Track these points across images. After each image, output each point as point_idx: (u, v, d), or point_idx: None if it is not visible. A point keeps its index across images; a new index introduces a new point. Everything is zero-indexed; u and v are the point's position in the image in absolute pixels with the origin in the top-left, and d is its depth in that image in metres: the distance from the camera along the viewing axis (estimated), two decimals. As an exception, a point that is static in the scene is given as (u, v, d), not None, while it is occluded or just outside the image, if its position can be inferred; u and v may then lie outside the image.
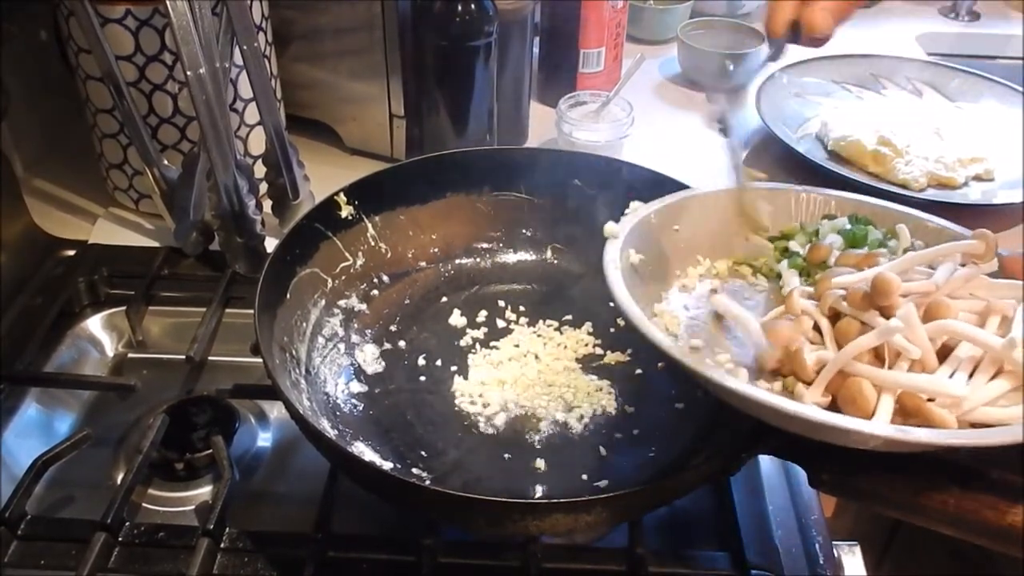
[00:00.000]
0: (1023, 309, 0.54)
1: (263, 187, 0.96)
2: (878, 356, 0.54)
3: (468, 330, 0.80)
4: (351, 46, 1.01)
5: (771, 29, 0.71)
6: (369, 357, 0.77)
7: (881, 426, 0.50)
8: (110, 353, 0.87)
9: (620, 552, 0.64)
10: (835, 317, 0.58)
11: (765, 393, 0.52)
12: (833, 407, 0.54)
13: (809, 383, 0.55)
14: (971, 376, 0.52)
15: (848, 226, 0.68)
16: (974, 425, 0.51)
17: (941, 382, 0.51)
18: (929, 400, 0.51)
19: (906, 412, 0.51)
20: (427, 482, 0.65)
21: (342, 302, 0.79)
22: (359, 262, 0.81)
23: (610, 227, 0.66)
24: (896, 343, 0.53)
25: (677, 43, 1.29)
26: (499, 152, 0.90)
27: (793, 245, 0.69)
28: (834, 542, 0.67)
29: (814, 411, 0.50)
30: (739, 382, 0.52)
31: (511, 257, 0.87)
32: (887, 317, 0.54)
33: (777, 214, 0.71)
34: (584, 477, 0.67)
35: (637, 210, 0.68)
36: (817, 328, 0.58)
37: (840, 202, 0.71)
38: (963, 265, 0.58)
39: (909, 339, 0.53)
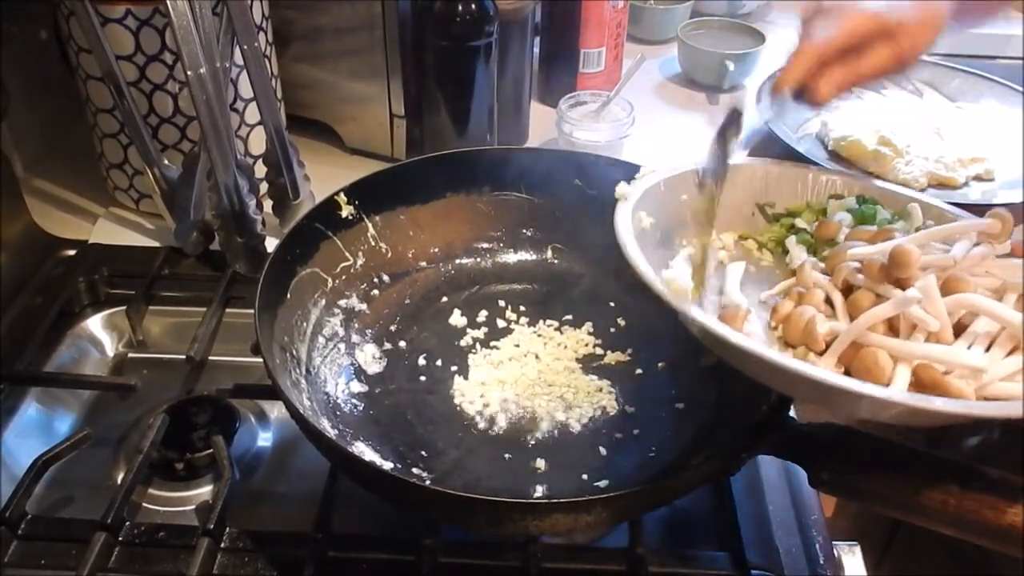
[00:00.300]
0: None
1: (263, 187, 0.96)
2: (892, 329, 0.53)
3: (468, 330, 0.80)
4: (351, 46, 1.01)
5: (777, 85, 0.69)
6: (369, 357, 0.77)
7: (899, 393, 0.49)
8: (110, 353, 0.87)
9: (620, 552, 0.64)
10: (847, 291, 0.57)
11: (784, 357, 0.50)
12: None
13: (821, 354, 0.55)
14: (987, 351, 0.52)
15: (856, 205, 0.68)
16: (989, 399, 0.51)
17: (961, 353, 0.51)
18: (946, 373, 0.50)
19: (922, 384, 0.50)
20: (427, 482, 0.65)
21: (342, 302, 0.79)
22: (359, 262, 0.81)
23: (622, 188, 0.64)
24: (914, 315, 0.52)
25: (677, 43, 1.29)
26: (499, 152, 0.90)
27: (800, 222, 0.68)
28: (834, 542, 0.67)
29: (830, 374, 0.49)
30: (756, 344, 0.51)
31: (511, 257, 0.87)
32: (904, 290, 0.54)
33: (783, 193, 0.71)
34: (584, 477, 0.67)
35: (647, 175, 0.67)
36: (828, 302, 0.58)
37: (847, 182, 0.71)
38: (978, 244, 0.58)
39: (927, 311, 0.52)
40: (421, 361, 0.77)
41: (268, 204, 0.96)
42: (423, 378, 0.76)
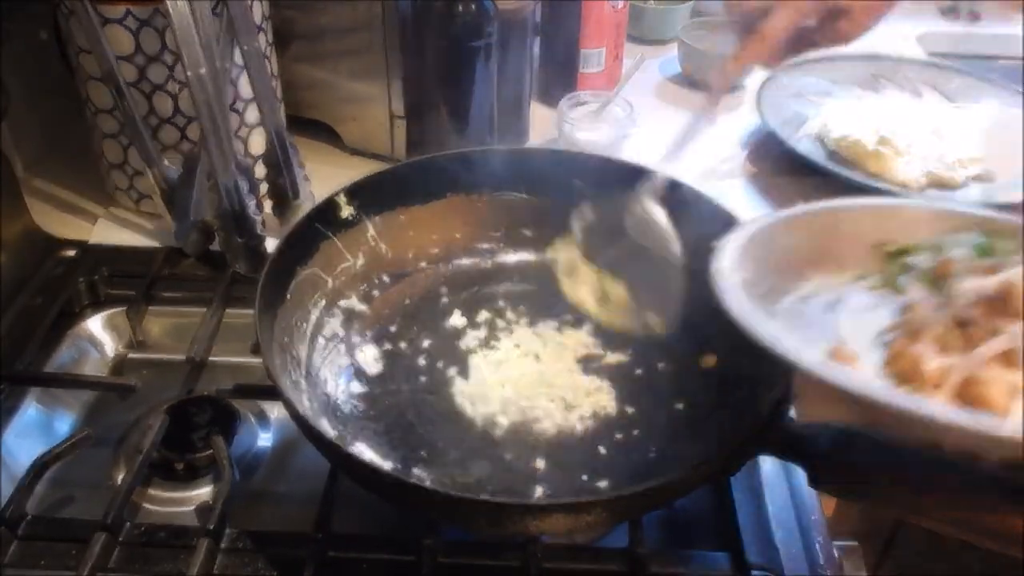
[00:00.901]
0: None
1: (263, 187, 0.96)
2: (1008, 365, 0.51)
3: (468, 330, 0.80)
4: (351, 46, 1.01)
5: (736, 63, 0.75)
6: (369, 357, 0.77)
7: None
8: (110, 353, 0.87)
9: (620, 552, 0.64)
10: (962, 326, 0.55)
11: (894, 393, 0.49)
12: None
13: (934, 390, 0.52)
14: None
15: (976, 239, 0.63)
16: None
17: None
18: None
19: None
20: (427, 482, 0.65)
21: (342, 302, 0.79)
22: (359, 262, 0.81)
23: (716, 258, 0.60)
24: None
25: (678, 43, 1.29)
26: (499, 152, 0.90)
27: (913, 259, 0.65)
28: (834, 542, 0.67)
29: (946, 410, 0.47)
30: (864, 382, 0.49)
31: (511, 257, 0.87)
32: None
33: (899, 231, 0.68)
34: (584, 477, 0.67)
35: (743, 227, 0.63)
36: (943, 338, 0.55)
37: (966, 218, 0.66)
38: None
39: None
40: (421, 361, 0.77)
41: (268, 204, 0.96)
42: (423, 379, 0.76)
